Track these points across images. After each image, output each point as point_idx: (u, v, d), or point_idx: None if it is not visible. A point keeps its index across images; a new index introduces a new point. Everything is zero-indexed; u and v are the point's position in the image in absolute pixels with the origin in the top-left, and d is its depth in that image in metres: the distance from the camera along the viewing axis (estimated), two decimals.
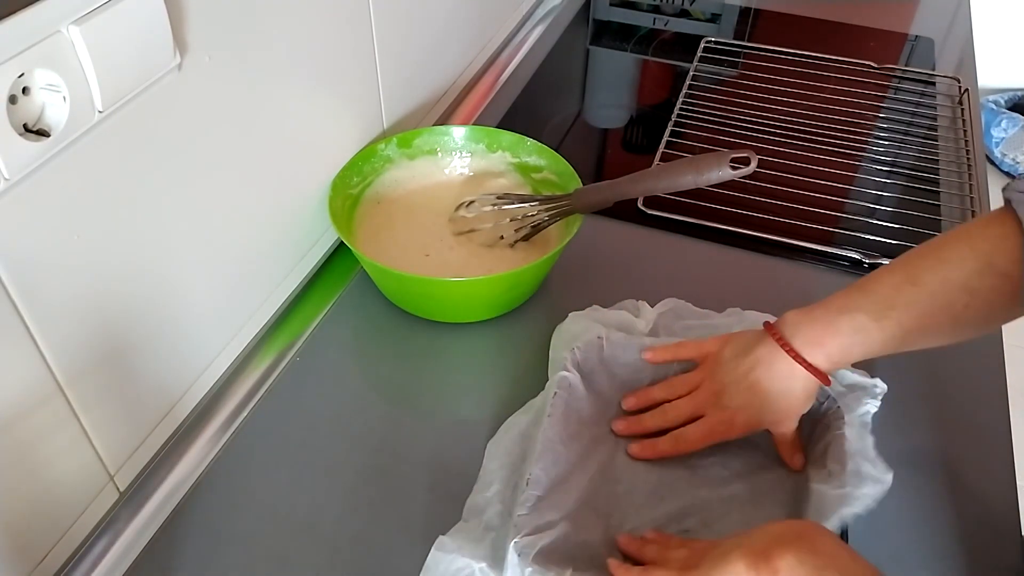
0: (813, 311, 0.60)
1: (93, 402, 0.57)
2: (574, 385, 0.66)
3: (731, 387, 0.63)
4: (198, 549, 0.60)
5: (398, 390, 0.73)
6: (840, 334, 0.59)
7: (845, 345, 0.59)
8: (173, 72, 0.56)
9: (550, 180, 0.86)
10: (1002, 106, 2.49)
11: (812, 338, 0.59)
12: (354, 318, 0.79)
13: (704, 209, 0.91)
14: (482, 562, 0.55)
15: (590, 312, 0.74)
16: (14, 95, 0.46)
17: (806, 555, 0.46)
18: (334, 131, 0.81)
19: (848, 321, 0.58)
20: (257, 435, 0.68)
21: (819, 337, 0.59)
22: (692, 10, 1.38)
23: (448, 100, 1.06)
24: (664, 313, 0.74)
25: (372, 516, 0.62)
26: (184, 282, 0.64)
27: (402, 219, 0.84)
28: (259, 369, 0.74)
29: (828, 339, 0.59)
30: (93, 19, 0.48)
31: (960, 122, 1.08)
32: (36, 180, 0.48)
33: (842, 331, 0.58)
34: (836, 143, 1.03)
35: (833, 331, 0.59)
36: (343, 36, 0.78)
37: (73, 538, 0.59)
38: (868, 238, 0.88)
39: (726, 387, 0.63)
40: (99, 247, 0.54)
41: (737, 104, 1.09)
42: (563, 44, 1.27)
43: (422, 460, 0.66)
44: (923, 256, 0.58)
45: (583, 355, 0.68)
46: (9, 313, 0.49)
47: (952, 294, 0.55)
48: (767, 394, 0.61)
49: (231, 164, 0.66)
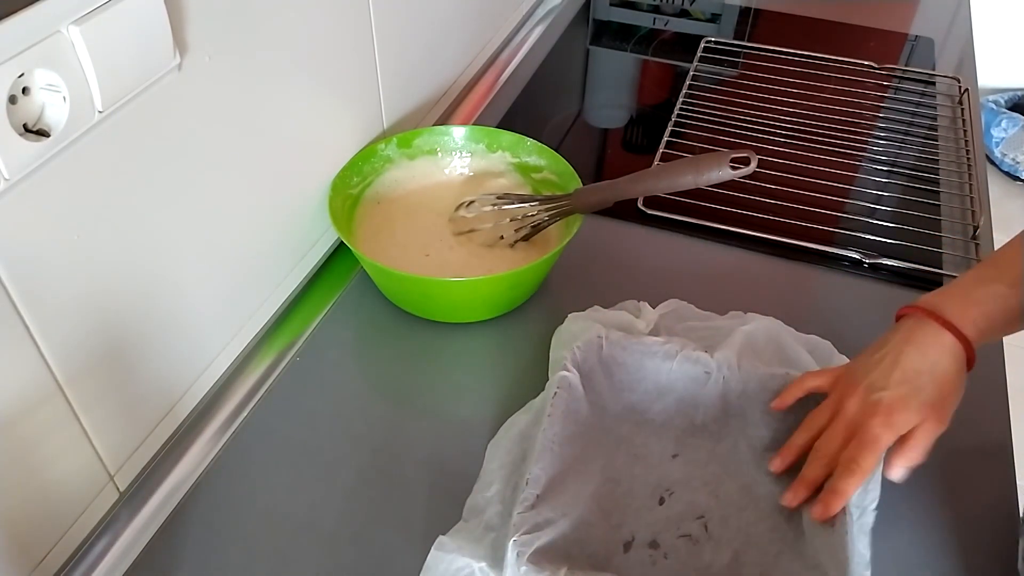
0: (947, 290, 0.60)
1: (93, 402, 0.57)
2: (574, 385, 0.66)
3: (878, 379, 0.57)
4: (198, 549, 0.60)
5: (398, 390, 0.73)
6: (980, 303, 0.58)
7: (987, 313, 0.58)
8: (173, 72, 0.56)
9: (550, 180, 0.86)
10: (1002, 106, 2.49)
11: (956, 310, 0.58)
12: (354, 318, 0.79)
13: (704, 209, 0.91)
14: (482, 562, 0.55)
15: (590, 313, 0.74)
16: (14, 95, 0.46)
17: None
18: (334, 131, 0.81)
19: (985, 290, 0.58)
20: (257, 435, 0.68)
21: (961, 309, 0.58)
22: (692, 10, 1.38)
23: (448, 100, 1.06)
24: (666, 314, 0.74)
25: (372, 516, 0.62)
26: (184, 282, 0.64)
27: (402, 219, 0.84)
28: (259, 369, 0.74)
29: (970, 308, 0.58)
30: (93, 19, 0.48)
31: (960, 122, 1.08)
32: (36, 180, 0.48)
33: (982, 300, 0.58)
34: (836, 143, 1.03)
35: (973, 301, 0.58)
36: (343, 36, 0.78)
37: (73, 538, 0.59)
38: (868, 238, 0.88)
39: (873, 383, 0.58)
40: (99, 247, 0.54)
41: (737, 104, 1.09)
42: (563, 44, 1.27)
43: (422, 460, 0.66)
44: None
45: (583, 355, 0.68)
46: (9, 313, 0.49)
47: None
48: (920, 371, 0.57)
49: (231, 164, 0.66)
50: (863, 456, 0.56)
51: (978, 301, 0.58)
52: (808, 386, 0.62)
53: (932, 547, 0.62)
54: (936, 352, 0.57)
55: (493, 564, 0.55)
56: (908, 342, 0.58)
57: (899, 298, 0.81)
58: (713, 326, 0.73)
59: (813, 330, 0.72)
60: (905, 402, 0.56)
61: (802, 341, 0.71)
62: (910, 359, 0.57)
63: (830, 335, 0.72)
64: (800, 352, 0.70)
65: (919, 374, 0.57)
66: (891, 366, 0.58)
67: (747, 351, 0.68)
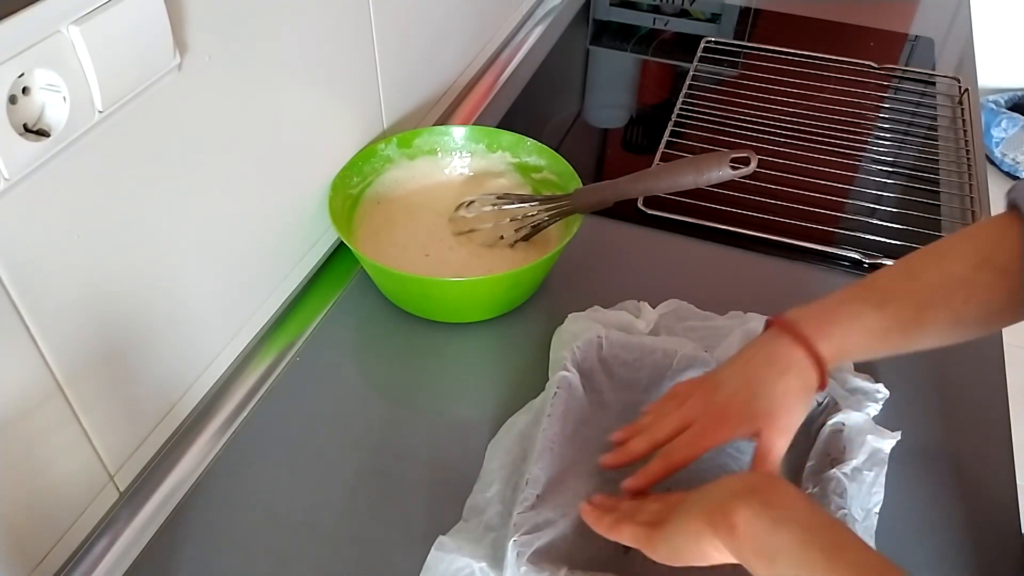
0: (812, 305, 0.59)
1: (93, 402, 0.57)
2: (574, 385, 0.66)
3: (726, 381, 0.59)
4: (198, 549, 0.60)
5: (398, 390, 0.73)
6: (839, 321, 0.58)
7: (846, 331, 0.57)
8: (173, 72, 0.56)
9: (550, 180, 0.86)
10: (1002, 106, 2.49)
11: (812, 326, 0.58)
12: (354, 318, 0.79)
13: (704, 209, 0.91)
14: (482, 562, 0.55)
15: (590, 313, 0.74)
16: (14, 95, 0.46)
17: (761, 508, 0.46)
18: (334, 131, 0.81)
19: (847, 309, 0.58)
20: (257, 435, 0.68)
21: (819, 324, 0.58)
22: (692, 10, 1.38)
23: (448, 100, 1.06)
24: (666, 314, 0.74)
25: (372, 516, 0.62)
26: (184, 282, 0.64)
27: (402, 219, 0.84)
28: (259, 369, 0.74)
29: (827, 326, 0.58)
30: (93, 19, 0.48)
31: (960, 122, 1.08)
32: (36, 180, 0.48)
33: (841, 318, 0.58)
34: (836, 143, 1.03)
35: (832, 318, 0.58)
36: (343, 36, 0.78)
37: (73, 538, 0.59)
38: (868, 238, 0.88)
39: (721, 382, 0.59)
40: (99, 247, 0.54)
41: (737, 104, 1.09)
42: (563, 44, 1.27)
43: (422, 460, 0.66)
44: (923, 254, 0.58)
45: (583, 354, 0.68)
46: (9, 313, 0.49)
47: (951, 287, 0.56)
48: (763, 379, 0.57)
49: (231, 164, 0.66)
50: (681, 448, 0.57)
51: (838, 318, 0.58)
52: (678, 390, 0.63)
53: (933, 547, 0.62)
54: (784, 364, 0.57)
55: (493, 564, 0.55)
56: (761, 351, 0.59)
57: None
58: (713, 326, 0.73)
59: None
60: (739, 407, 0.57)
61: None
62: (757, 368, 0.58)
63: None
64: None
65: (762, 383, 0.57)
66: (738, 371, 0.59)
67: None
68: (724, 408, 0.58)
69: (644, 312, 0.74)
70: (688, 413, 0.59)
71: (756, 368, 0.58)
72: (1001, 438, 0.69)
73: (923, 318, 0.56)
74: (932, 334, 0.58)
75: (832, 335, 0.57)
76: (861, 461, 0.59)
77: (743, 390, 0.58)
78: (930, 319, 0.56)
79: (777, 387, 0.57)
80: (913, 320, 0.57)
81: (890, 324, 0.57)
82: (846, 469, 0.59)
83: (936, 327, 0.57)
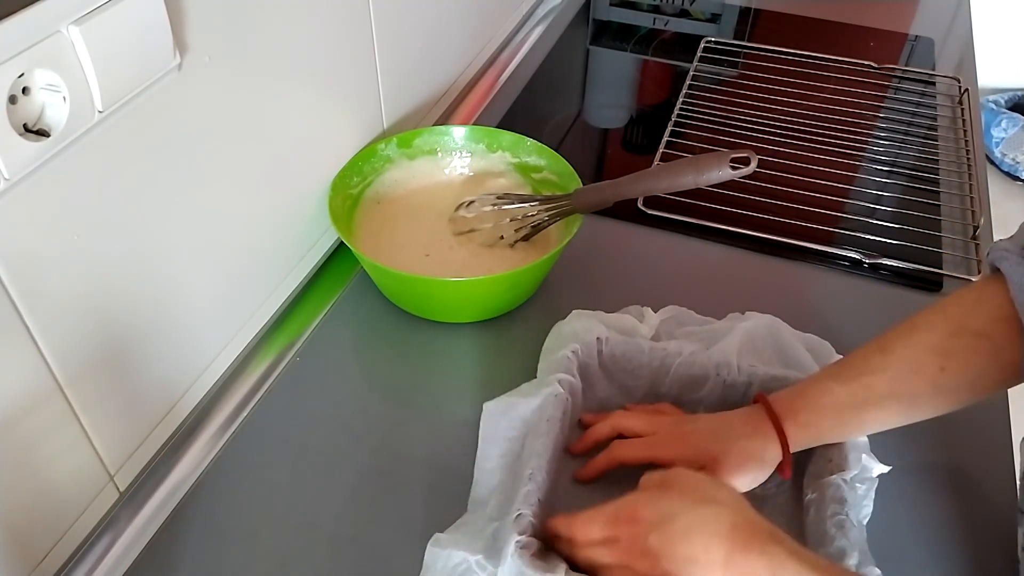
0: (794, 386, 0.61)
1: (93, 402, 0.57)
2: (575, 386, 0.66)
3: (701, 420, 0.64)
4: (198, 549, 0.60)
5: (398, 390, 0.73)
6: (808, 400, 0.59)
7: (813, 410, 0.59)
8: (173, 72, 0.56)
9: (550, 180, 0.86)
10: (1002, 106, 2.49)
11: (784, 404, 0.60)
12: (354, 318, 0.79)
13: (704, 209, 0.91)
14: (478, 555, 0.55)
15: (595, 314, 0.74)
16: (14, 95, 0.46)
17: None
18: (334, 131, 0.81)
19: (817, 388, 0.59)
20: (257, 435, 0.68)
21: (790, 402, 0.60)
22: (692, 10, 1.38)
23: (448, 100, 1.06)
24: (666, 320, 0.74)
25: (372, 516, 0.62)
26: (184, 282, 0.64)
27: (402, 219, 0.84)
28: (259, 369, 0.74)
29: (798, 405, 0.59)
30: (93, 19, 0.48)
31: (960, 122, 1.08)
32: (36, 180, 0.48)
33: (811, 396, 0.59)
34: (836, 143, 1.03)
35: (803, 397, 0.59)
36: (343, 36, 0.78)
37: (73, 538, 0.59)
38: (868, 238, 0.88)
39: (696, 419, 0.64)
40: (99, 247, 0.54)
41: (737, 104, 1.09)
42: (563, 44, 1.27)
43: (422, 460, 0.66)
44: (896, 328, 0.58)
45: (583, 358, 0.68)
46: (9, 313, 0.49)
47: (923, 357, 0.56)
48: (730, 432, 0.60)
49: (231, 164, 0.66)
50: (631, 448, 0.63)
51: (808, 397, 0.59)
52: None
53: (934, 547, 0.62)
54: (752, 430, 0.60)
55: (489, 556, 0.54)
56: (740, 415, 0.62)
57: (899, 298, 0.82)
58: (711, 330, 0.73)
59: (813, 330, 0.72)
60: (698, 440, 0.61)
61: (801, 340, 0.71)
62: (730, 421, 0.61)
63: (829, 335, 0.72)
64: (799, 350, 0.70)
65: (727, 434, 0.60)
66: (715, 419, 0.62)
67: (746, 349, 0.68)
68: (685, 435, 0.62)
69: (647, 317, 0.74)
70: (655, 424, 0.64)
71: (730, 421, 0.62)
72: (1001, 438, 0.69)
73: (898, 390, 0.56)
74: (917, 406, 0.57)
75: (800, 412, 0.59)
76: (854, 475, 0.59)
77: (709, 432, 0.61)
78: (907, 391, 0.56)
79: (738, 443, 0.59)
80: (888, 392, 0.57)
81: (861, 400, 0.57)
82: (846, 476, 0.59)
83: (918, 399, 0.57)
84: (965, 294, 0.57)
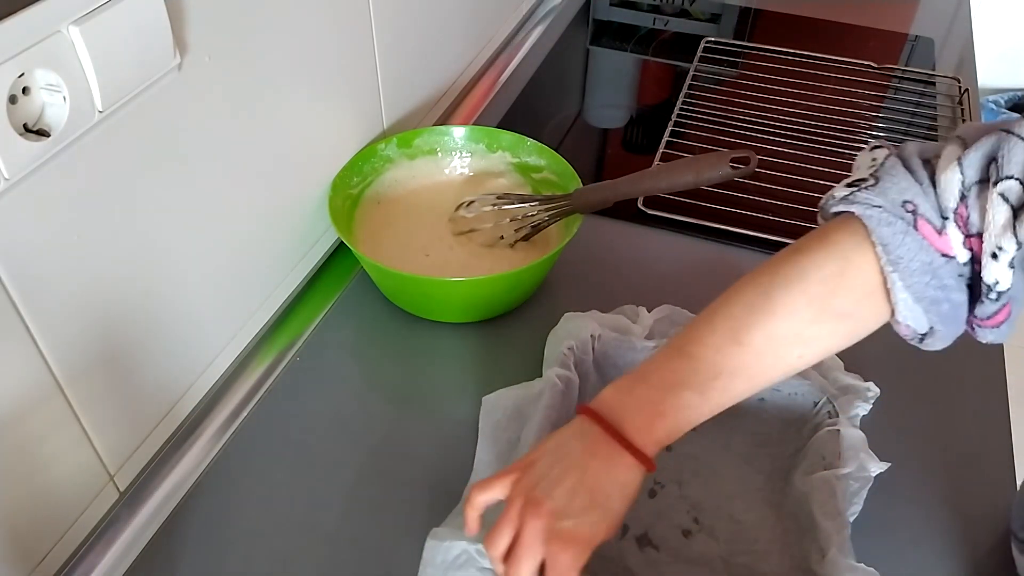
0: (635, 389, 0.53)
1: (93, 402, 0.57)
2: (570, 383, 0.66)
3: (563, 505, 0.50)
4: (198, 549, 0.60)
5: (398, 390, 0.73)
6: (666, 416, 0.51)
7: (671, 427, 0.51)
8: (173, 72, 0.56)
9: (550, 180, 0.86)
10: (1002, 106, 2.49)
11: (638, 427, 0.51)
12: (354, 318, 0.79)
13: (704, 209, 0.91)
14: (478, 543, 0.54)
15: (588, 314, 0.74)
16: (14, 95, 0.46)
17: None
18: (334, 131, 0.81)
19: (673, 400, 0.51)
20: (257, 435, 0.68)
21: (646, 423, 0.51)
22: (692, 10, 1.38)
23: (448, 100, 1.06)
24: (660, 319, 0.74)
25: (372, 516, 0.62)
26: (184, 282, 0.64)
27: (402, 219, 0.84)
28: (259, 369, 0.74)
29: (656, 423, 0.51)
30: (93, 19, 0.48)
31: (960, 122, 1.08)
32: (36, 180, 0.48)
33: (667, 413, 0.51)
34: (836, 143, 1.03)
35: (659, 413, 0.51)
36: (343, 36, 0.78)
37: (73, 538, 0.59)
38: None
39: (558, 509, 0.50)
40: (99, 247, 0.54)
41: (737, 104, 1.09)
42: (563, 44, 1.27)
43: (422, 460, 0.66)
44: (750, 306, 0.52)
45: (578, 355, 0.68)
46: (9, 313, 0.49)
47: (781, 349, 0.51)
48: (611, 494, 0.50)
49: (231, 164, 0.66)
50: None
51: (664, 413, 0.51)
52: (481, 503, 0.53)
53: (933, 547, 0.62)
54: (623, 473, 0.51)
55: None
56: (594, 457, 0.51)
57: None
58: None
59: None
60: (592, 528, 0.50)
61: None
62: (598, 480, 0.51)
63: None
64: None
65: (609, 498, 0.50)
66: (576, 488, 0.50)
67: None
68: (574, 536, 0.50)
69: (641, 317, 0.74)
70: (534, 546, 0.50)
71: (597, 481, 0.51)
72: (1001, 438, 0.69)
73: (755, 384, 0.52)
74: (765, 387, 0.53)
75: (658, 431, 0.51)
76: (849, 471, 0.59)
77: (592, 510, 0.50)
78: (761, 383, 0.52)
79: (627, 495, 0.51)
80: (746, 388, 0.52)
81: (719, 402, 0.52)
82: (839, 473, 0.59)
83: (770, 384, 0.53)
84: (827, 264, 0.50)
